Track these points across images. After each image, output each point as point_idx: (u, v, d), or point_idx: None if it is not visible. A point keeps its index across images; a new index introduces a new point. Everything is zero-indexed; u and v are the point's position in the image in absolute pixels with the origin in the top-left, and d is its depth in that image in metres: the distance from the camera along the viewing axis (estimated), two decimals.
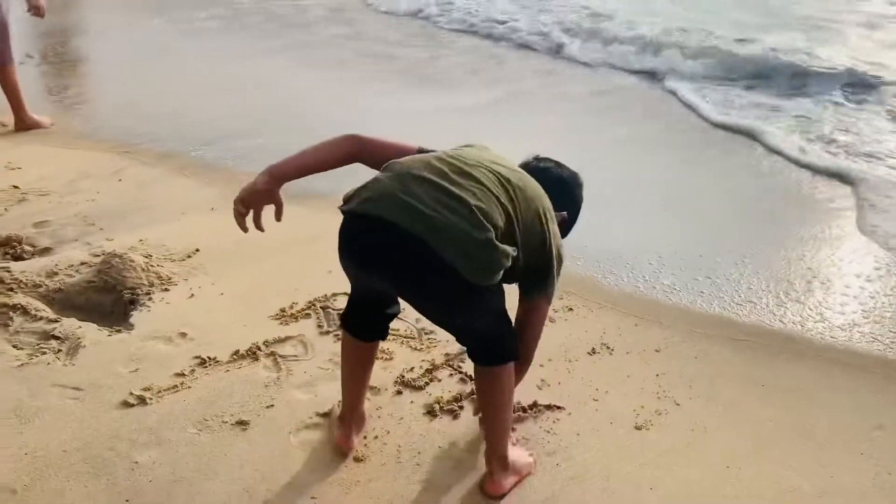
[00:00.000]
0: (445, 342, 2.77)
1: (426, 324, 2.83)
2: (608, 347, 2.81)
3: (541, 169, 2.21)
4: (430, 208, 1.79)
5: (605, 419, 2.44)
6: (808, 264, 3.50)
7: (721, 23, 8.01)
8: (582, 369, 2.68)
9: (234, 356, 2.65)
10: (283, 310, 2.94)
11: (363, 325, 2.18)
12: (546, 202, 2.03)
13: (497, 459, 2.09)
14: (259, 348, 2.69)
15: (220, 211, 3.74)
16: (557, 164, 2.26)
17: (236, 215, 2.00)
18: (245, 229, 2.02)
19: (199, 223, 3.65)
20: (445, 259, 1.77)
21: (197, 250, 3.36)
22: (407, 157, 1.96)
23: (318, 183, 2.27)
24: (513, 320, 2.05)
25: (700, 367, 2.74)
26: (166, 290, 3.05)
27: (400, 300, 2.16)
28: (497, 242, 1.80)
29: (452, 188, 1.83)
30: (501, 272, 1.84)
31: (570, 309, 3.05)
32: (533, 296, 2.07)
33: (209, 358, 2.63)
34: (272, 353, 2.68)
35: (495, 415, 2.06)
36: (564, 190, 2.21)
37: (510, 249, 1.83)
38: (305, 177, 2.02)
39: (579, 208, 2.29)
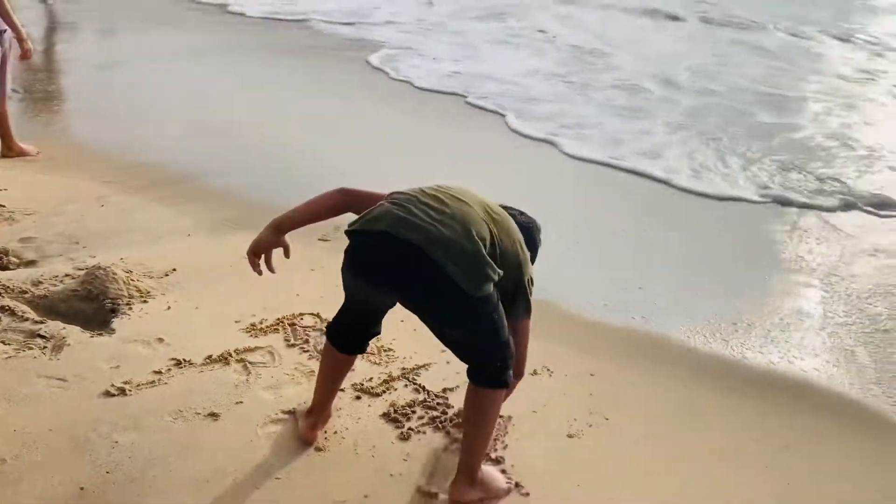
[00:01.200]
0: (403, 358, 3.05)
1: (385, 342, 3.11)
2: (548, 370, 3.12)
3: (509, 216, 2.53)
4: (427, 223, 2.10)
5: (542, 428, 2.73)
6: (740, 301, 3.86)
7: None
8: (524, 386, 2.97)
9: (208, 360, 2.89)
10: (252, 325, 3.20)
11: (346, 338, 2.47)
12: (519, 233, 2.33)
13: (466, 469, 2.32)
14: (230, 354, 2.94)
15: (196, 236, 4.01)
16: (520, 212, 2.57)
17: (251, 263, 2.41)
18: (260, 272, 2.42)
19: (176, 247, 3.90)
20: (441, 267, 2.05)
21: (174, 269, 3.61)
22: (403, 190, 2.27)
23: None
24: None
25: (630, 389, 3.05)
26: (145, 301, 3.29)
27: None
28: (486, 255, 2.10)
29: (445, 208, 2.15)
30: (491, 284, 2.11)
31: None
32: (519, 316, 2.34)
33: (184, 360, 2.87)
34: (242, 360, 2.93)
35: (475, 432, 2.32)
36: (527, 233, 2.51)
37: (496, 267, 2.13)
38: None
39: (537, 251, 2.58)
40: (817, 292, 4.03)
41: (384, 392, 2.84)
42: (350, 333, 2.46)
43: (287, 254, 2.42)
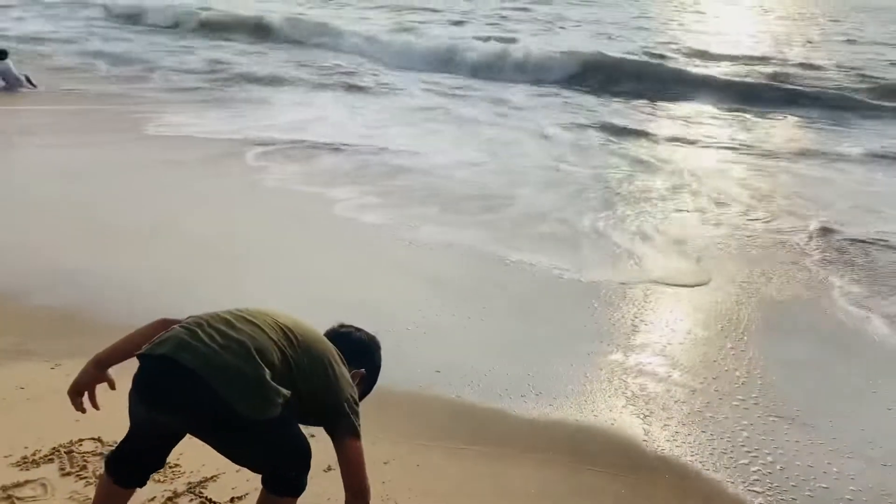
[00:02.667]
0: (189, 472, 2.98)
1: (172, 458, 3.01)
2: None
3: (342, 334, 2.60)
4: (209, 348, 2.12)
5: None
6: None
7: None
8: (316, 483, 2.98)
9: None
10: (24, 457, 3.01)
11: (126, 471, 2.37)
12: (331, 351, 2.38)
13: None
14: None
15: None
16: (357, 328, 2.65)
17: (73, 403, 2.37)
18: (83, 410, 2.38)
19: None
20: (216, 392, 2.06)
21: None
22: (202, 313, 2.29)
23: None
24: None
25: (420, 472, 3.15)
26: None
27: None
28: (268, 380, 2.12)
29: (232, 332, 2.18)
30: (274, 408, 2.13)
31: (312, 435, 3.37)
32: (337, 433, 2.33)
33: None
34: (9, 496, 2.74)
35: None
36: (363, 350, 2.59)
37: (283, 390, 2.15)
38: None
39: (378, 367, 2.64)
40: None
41: None
42: (131, 464, 2.37)
43: (112, 386, 2.38)
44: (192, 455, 3.03)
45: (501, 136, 10.64)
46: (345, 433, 2.31)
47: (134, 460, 2.37)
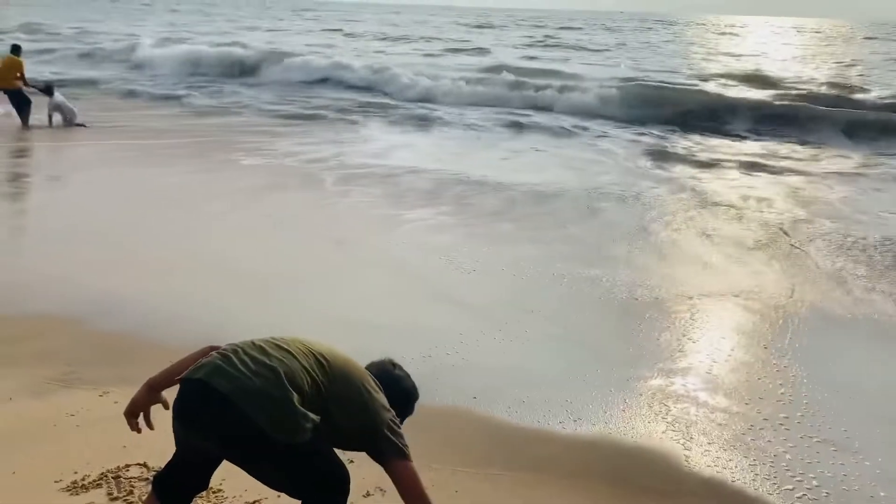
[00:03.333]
0: (232, 497, 3.04)
1: (215, 483, 3.08)
2: (381, 490, 3.18)
3: (396, 377, 2.63)
4: (241, 373, 2.20)
5: None
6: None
7: None
8: None
9: None
10: (74, 482, 3.10)
11: (171, 492, 2.44)
12: (365, 377, 2.44)
13: None
14: None
15: (17, 400, 3.86)
16: (408, 375, 2.68)
17: (129, 424, 2.46)
18: (139, 431, 2.48)
19: None
20: (249, 415, 2.13)
21: None
22: (239, 341, 2.37)
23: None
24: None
25: (458, 499, 3.16)
26: None
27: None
28: (296, 404, 2.18)
29: (264, 358, 2.26)
30: (303, 431, 2.18)
31: (352, 461, 3.41)
32: (384, 458, 2.35)
33: None
34: None
35: None
36: (406, 398, 2.63)
37: (311, 415, 2.20)
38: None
39: (406, 415, 2.64)
40: None
41: None
42: (176, 486, 2.45)
43: (166, 406, 2.45)
44: (235, 481, 3.09)
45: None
46: (391, 456, 2.34)
47: (178, 482, 2.44)
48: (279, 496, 2.99)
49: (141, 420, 2.49)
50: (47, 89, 12.64)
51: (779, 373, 4.50)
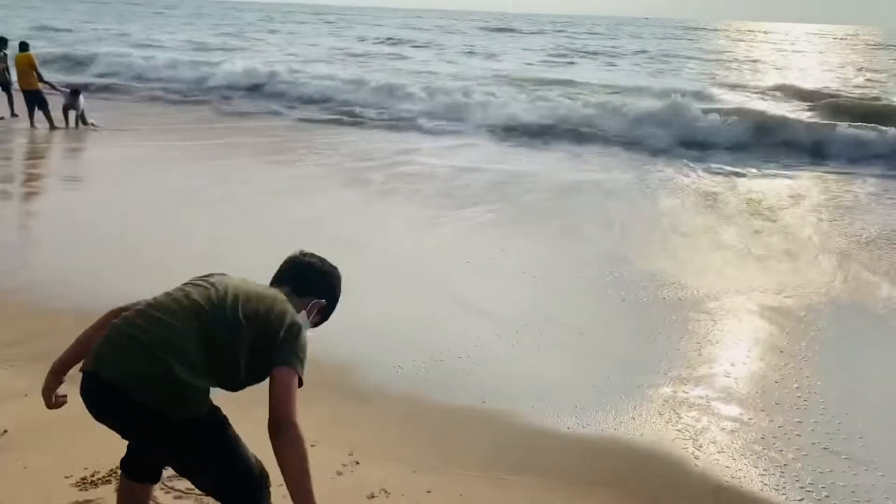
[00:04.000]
0: None
1: None
2: (386, 492, 3.19)
3: (308, 263, 2.53)
4: (123, 355, 2.11)
5: None
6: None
7: None
8: None
9: None
10: (83, 478, 3.14)
11: (134, 467, 2.49)
12: (270, 295, 2.30)
13: None
14: None
15: (31, 395, 3.91)
16: (321, 259, 2.57)
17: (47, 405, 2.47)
18: (56, 406, 2.49)
19: (9, 408, 3.81)
20: (139, 400, 2.06)
21: (5, 431, 3.52)
22: (138, 302, 2.27)
23: None
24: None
25: (463, 501, 3.16)
26: None
27: None
28: (178, 376, 2.06)
29: (144, 331, 2.12)
30: (197, 403, 2.12)
31: (358, 462, 3.43)
32: (272, 368, 2.16)
33: None
34: None
35: None
36: (326, 282, 2.53)
37: (197, 383, 2.09)
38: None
39: (337, 298, 2.57)
40: None
41: None
42: (137, 461, 2.48)
43: (64, 401, 2.48)
44: None
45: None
46: (277, 364, 2.17)
47: (132, 458, 2.48)
48: (284, 496, 3.01)
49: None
50: (74, 93, 12.87)
51: (795, 380, 4.46)
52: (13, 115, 13.50)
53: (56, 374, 2.44)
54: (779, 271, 6.55)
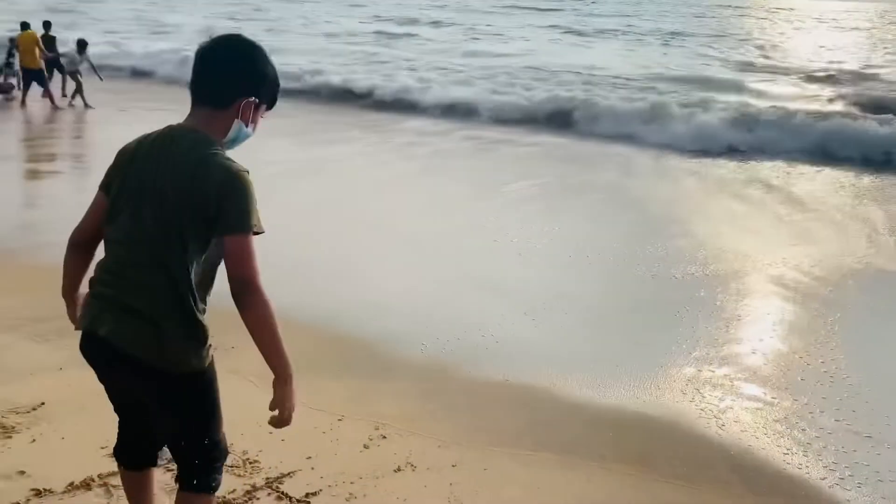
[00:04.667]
0: (269, 468, 3.14)
1: (252, 454, 3.20)
2: (412, 465, 3.26)
3: (205, 67, 2.06)
4: (114, 312, 2.05)
5: None
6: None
7: None
8: (386, 483, 3.10)
9: (69, 487, 2.92)
10: None
11: (129, 454, 2.46)
12: (179, 165, 1.99)
13: None
14: (93, 480, 2.98)
15: (68, 370, 4.03)
16: (220, 44, 2.05)
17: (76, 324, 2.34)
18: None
19: (46, 382, 3.92)
20: (135, 356, 2.02)
21: (42, 403, 3.63)
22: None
23: None
24: None
25: (487, 476, 3.22)
26: (9, 437, 3.30)
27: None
28: (168, 336, 2.00)
29: (123, 281, 2.06)
30: (197, 357, 2.05)
31: (384, 437, 3.50)
32: (222, 242, 1.98)
33: (45, 489, 2.89)
34: (105, 483, 2.97)
35: None
36: (239, 70, 2.06)
37: (197, 340, 2.04)
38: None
39: (267, 75, 2.10)
40: None
41: (247, 502, 2.91)
42: (131, 446, 2.44)
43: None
44: (271, 452, 3.21)
45: None
46: (225, 235, 1.96)
47: (128, 441, 2.44)
48: (313, 468, 3.11)
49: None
50: (80, 45, 13.14)
51: (820, 359, 4.45)
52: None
53: (69, 296, 2.41)
54: (806, 254, 6.50)
